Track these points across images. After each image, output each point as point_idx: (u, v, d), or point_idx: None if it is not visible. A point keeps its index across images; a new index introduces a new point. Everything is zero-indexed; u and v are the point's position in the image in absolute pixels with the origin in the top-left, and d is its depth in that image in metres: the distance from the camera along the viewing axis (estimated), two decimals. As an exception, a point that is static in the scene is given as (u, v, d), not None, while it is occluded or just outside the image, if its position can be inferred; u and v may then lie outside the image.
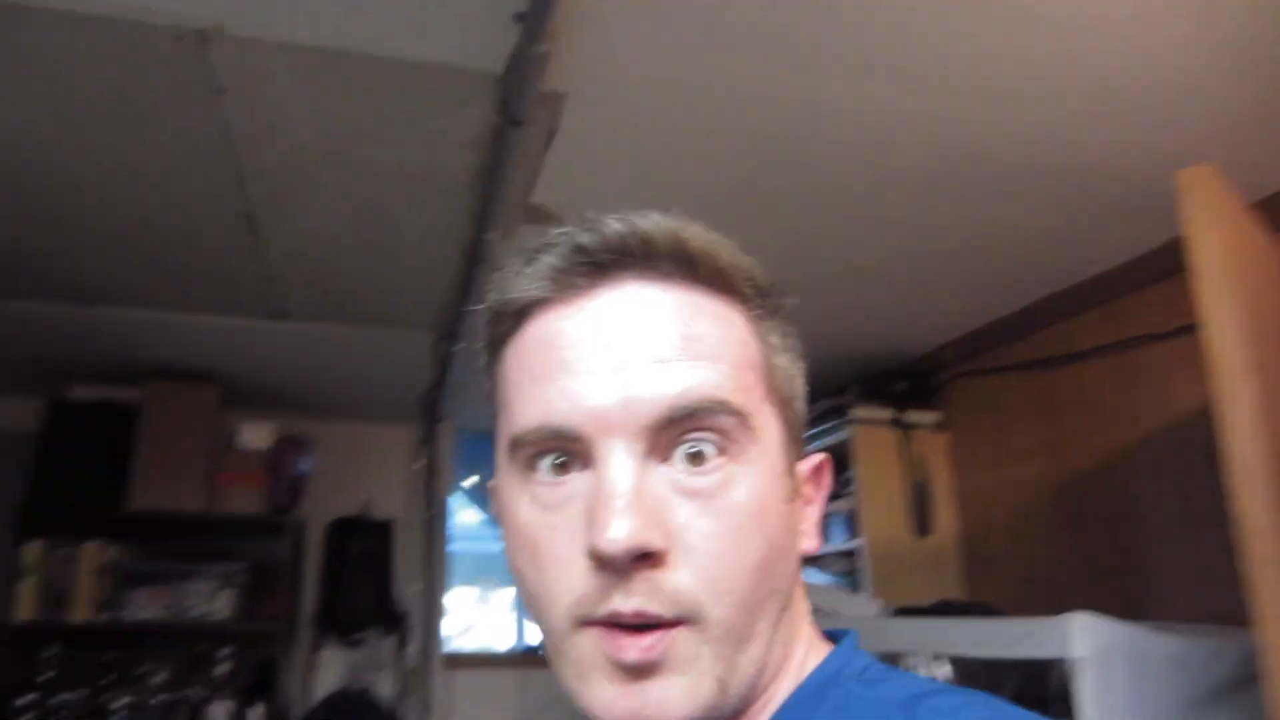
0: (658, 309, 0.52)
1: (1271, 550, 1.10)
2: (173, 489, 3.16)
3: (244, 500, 3.30)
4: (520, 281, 0.54)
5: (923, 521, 2.80)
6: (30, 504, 3.13)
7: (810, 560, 3.12)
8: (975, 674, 1.89)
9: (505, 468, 0.54)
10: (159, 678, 3.19)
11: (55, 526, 3.18)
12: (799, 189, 2.03)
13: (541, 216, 2.17)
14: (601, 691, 0.49)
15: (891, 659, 2.18)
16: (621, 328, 0.51)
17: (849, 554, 2.85)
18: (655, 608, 0.48)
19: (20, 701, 3.02)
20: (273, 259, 2.36)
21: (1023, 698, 1.76)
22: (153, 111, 1.70)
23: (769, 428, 0.53)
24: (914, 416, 2.92)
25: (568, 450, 0.51)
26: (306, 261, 2.39)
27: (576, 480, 0.51)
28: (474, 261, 2.32)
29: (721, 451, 0.50)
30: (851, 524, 2.84)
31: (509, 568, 0.55)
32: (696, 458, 0.50)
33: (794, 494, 0.55)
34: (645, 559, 0.48)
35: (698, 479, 0.50)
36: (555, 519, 0.51)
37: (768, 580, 0.51)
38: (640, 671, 0.49)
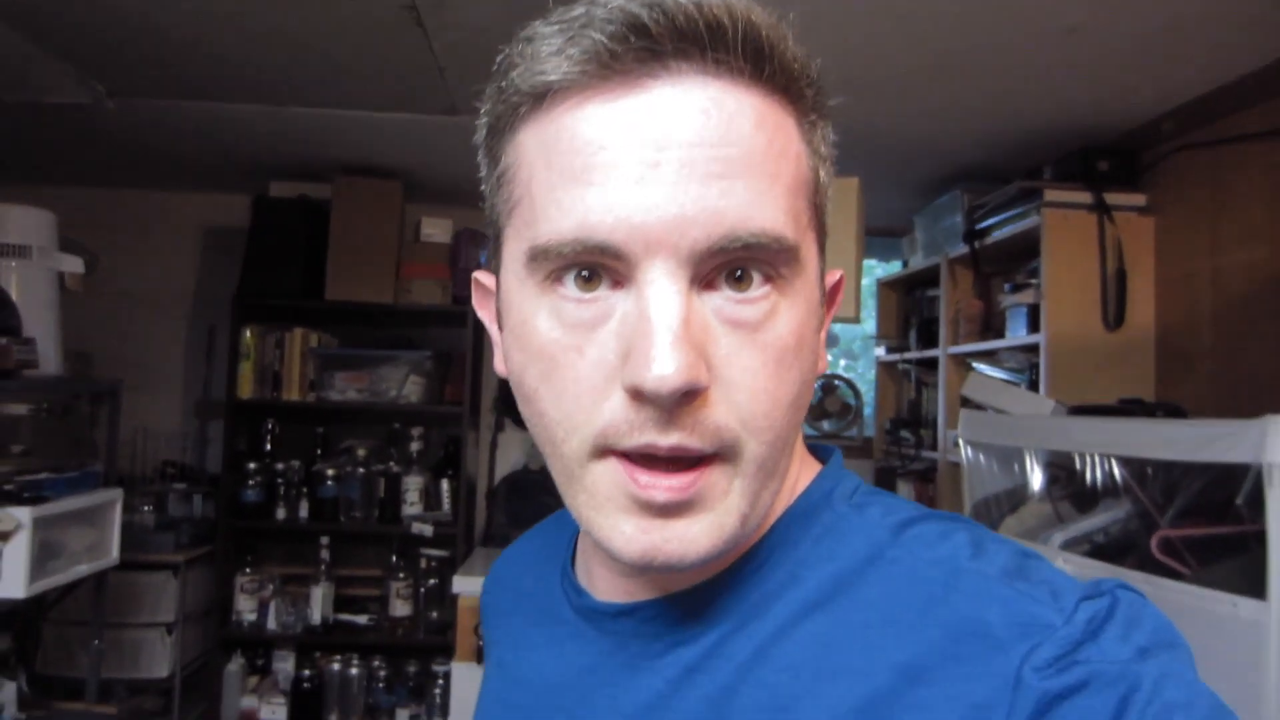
0: (722, 113, 0.45)
1: None
2: (363, 281, 3.39)
3: (428, 291, 3.50)
4: (555, 61, 0.45)
5: (1117, 313, 2.62)
6: (242, 292, 3.45)
7: (984, 355, 3.02)
8: (1154, 477, 1.81)
9: (517, 273, 0.49)
10: (361, 452, 3.55)
11: (266, 313, 3.51)
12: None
13: None
14: (620, 527, 0.47)
15: (1065, 460, 2.12)
16: (679, 132, 0.44)
17: (1030, 349, 2.73)
18: (695, 443, 0.45)
19: (250, 466, 3.46)
20: (440, 53, 2.36)
21: (1205, 504, 1.68)
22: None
23: (811, 257, 0.50)
24: (1116, 199, 2.67)
25: (600, 265, 0.46)
26: (473, 52, 2.37)
27: (609, 300, 0.46)
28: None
29: (768, 279, 0.47)
30: (1033, 317, 2.69)
31: (512, 378, 0.51)
32: (743, 285, 0.46)
33: (822, 321, 0.53)
34: (689, 396, 0.44)
35: (744, 309, 0.46)
36: (580, 340, 0.46)
37: (799, 414, 0.50)
38: (667, 510, 0.46)
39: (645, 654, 0.54)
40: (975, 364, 3.11)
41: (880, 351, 4.01)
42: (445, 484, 3.55)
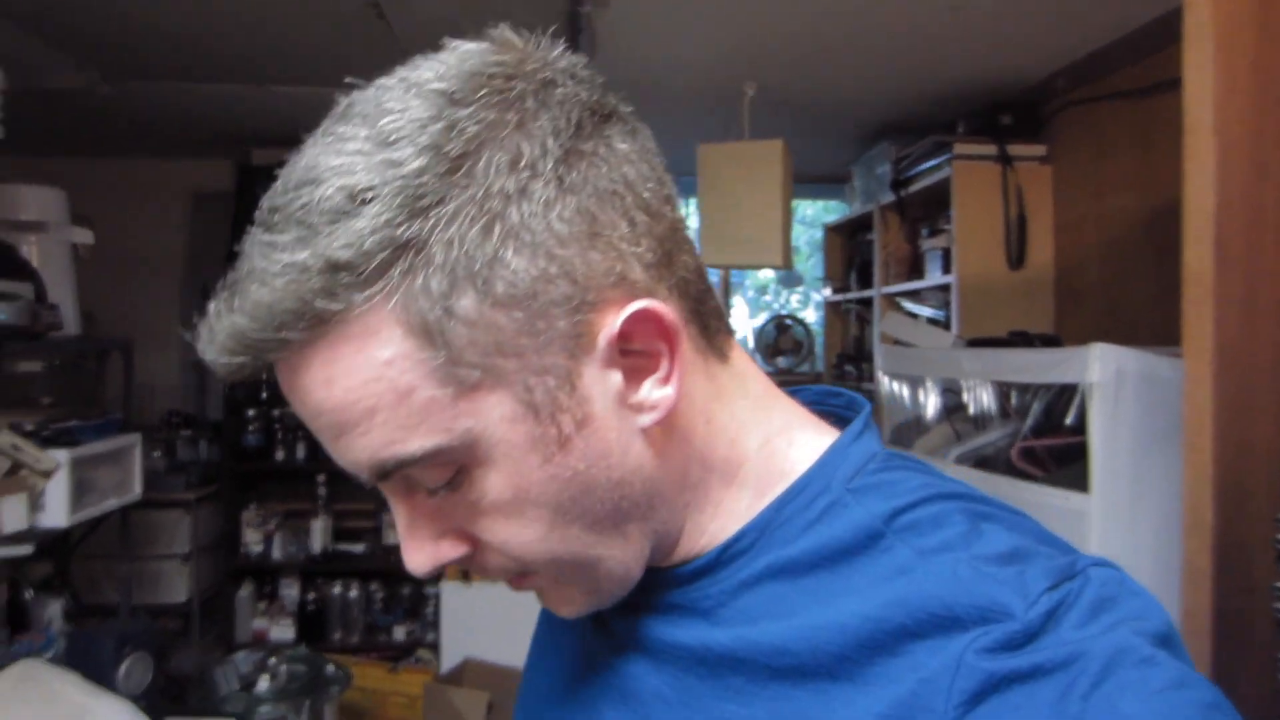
0: (301, 392, 0.46)
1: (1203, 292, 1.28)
2: (347, 240, 3.66)
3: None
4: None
5: (1018, 254, 2.94)
6: (231, 253, 3.71)
7: (910, 294, 3.34)
8: (1020, 397, 2.15)
9: None
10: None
11: (258, 274, 3.78)
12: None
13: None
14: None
15: (958, 386, 2.46)
16: (300, 413, 0.48)
17: (945, 288, 3.05)
18: (498, 576, 0.52)
19: (249, 413, 3.78)
20: (403, 39, 2.62)
21: (1057, 419, 2.02)
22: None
23: (484, 412, 0.45)
24: (1019, 150, 2.97)
25: None
26: (432, 40, 2.62)
27: None
28: (576, 30, 2.51)
29: (453, 470, 0.47)
30: (946, 260, 3.01)
31: None
32: (440, 484, 0.48)
33: (580, 420, 0.47)
34: (459, 558, 0.50)
35: (449, 499, 0.48)
36: None
37: (574, 526, 0.49)
38: (537, 595, 0.55)
39: (649, 613, 0.56)
40: (904, 303, 3.43)
41: (826, 292, 4.33)
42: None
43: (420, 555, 0.49)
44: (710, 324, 0.53)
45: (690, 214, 3.63)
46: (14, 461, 2.13)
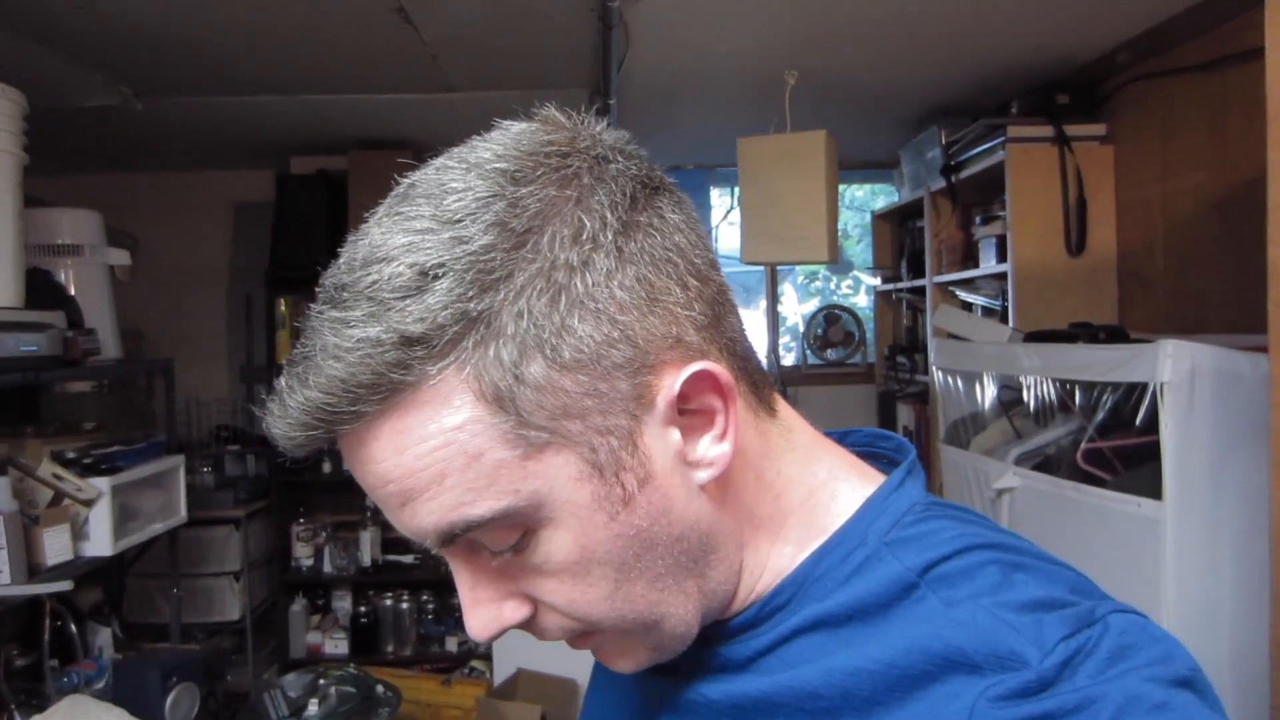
0: (367, 464, 0.48)
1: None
2: (385, 249, 3.63)
3: (446, 254, 3.73)
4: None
5: (1079, 240, 2.80)
6: (273, 265, 3.72)
7: (964, 283, 3.21)
8: (1085, 395, 2.02)
9: None
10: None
11: (296, 283, 3.78)
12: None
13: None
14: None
15: (1017, 382, 2.33)
16: (369, 481, 0.49)
17: (1001, 277, 2.91)
18: (559, 637, 0.53)
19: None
20: (431, 43, 2.56)
21: (1127, 418, 1.90)
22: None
23: (553, 473, 0.47)
24: (1077, 130, 2.82)
25: None
26: (460, 42, 2.58)
27: None
28: (607, 25, 2.42)
29: (520, 533, 0.49)
30: (1001, 247, 2.88)
31: None
32: (505, 547, 0.49)
33: (642, 478, 0.49)
34: (514, 627, 0.52)
35: (512, 562, 0.50)
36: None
37: (638, 583, 0.50)
38: (595, 653, 0.56)
39: (691, 661, 0.58)
40: (958, 292, 3.30)
41: (876, 281, 4.20)
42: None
43: (483, 619, 0.50)
44: (756, 380, 0.55)
45: (732, 207, 3.51)
46: (56, 491, 2.12)
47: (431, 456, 0.46)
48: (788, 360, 4.50)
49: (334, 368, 0.45)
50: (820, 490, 0.56)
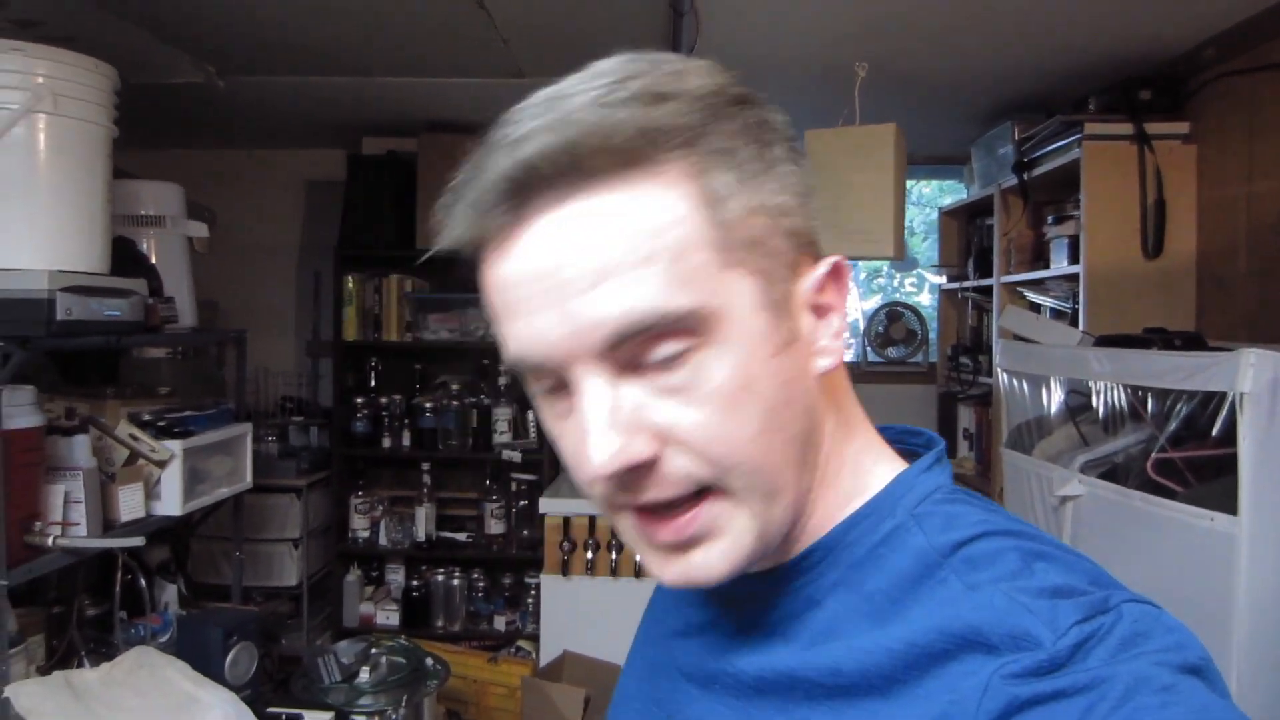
0: (580, 230, 0.49)
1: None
2: (451, 230, 3.68)
3: (510, 237, 3.77)
4: (450, 231, 0.52)
5: (1156, 242, 2.72)
6: (342, 243, 3.79)
7: (1033, 284, 3.14)
8: (1157, 403, 1.97)
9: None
10: (455, 386, 3.90)
11: (364, 262, 3.85)
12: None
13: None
14: (649, 560, 0.55)
15: (1086, 387, 2.28)
16: (550, 261, 0.49)
17: (1072, 278, 2.85)
18: (668, 493, 0.51)
19: (358, 400, 3.85)
20: (503, 28, 2.58)
21: (1201, 428, 1.84)
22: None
23: (734, 296, 0.51)
24: (1158, 128, 2.74)
25: (551, 375, 0.52)
26: (530, 27, 2.60)
27: (569, 400, 0.52)
28: (678, 11, 2.42)
29: (686, 346, 0.49)
30: (1074, 248, 2.81)
31: None
32: (664, 360, 0.49)
33: (792, 335, 0.53)
34: (641, 466, 0.50)
35: (669, 377, 0.50)
36: (566, 428, 0.54)
37: (778, 435, 0.52)
38: (678, 547, 0.53)
39: (724, 619, 0.62)
40: (1026, 293, 3.23)
41: (942, 279, 4.13)
42: (531, 415, 3.87)
43: (610, 448, 0.49)
44: None
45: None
46: (131, 451, 2.20)
47: (648, 239, 0.48)
48: (847, 356, 4.46)
49: (588, 112, 0.48)
50: (866, 454, 0.60)
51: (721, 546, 0.52)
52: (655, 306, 0.48)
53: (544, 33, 2.64)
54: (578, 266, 0.49)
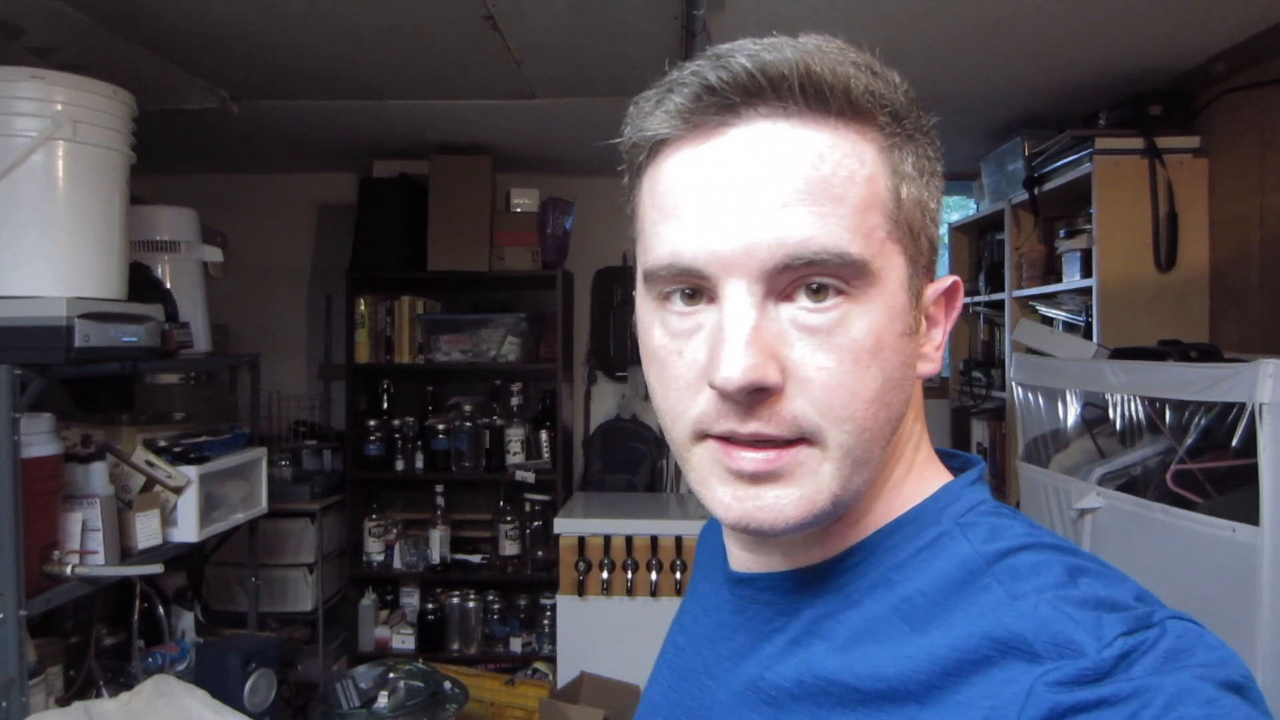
0: (785, 150, 0.51)
1: None
2: (461, 251, 3.70)
3: (519, 258, 3.78)
4: (653, 119, 0.54)
5: (1169, 255, 2.71)
6: (354, 265, 3.81)
7: (1045, 298, 3.14)
8: (1176, 414, 1.96)
9: (642, 292, 0.58)
10: (467, 407, 3.90)
11: (376, 284, 3.86)
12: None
13: (745, -15, 2.23)
14: (719, 493, 0.54)
15: (1102, 400, 2.27)
16: (747, 170, 0.51)
17: (1085, 292, 2.84)
18: (772, 430, 0.52)
19: (370, 423, 3.85)
20: (516, 50, 2.60)
21: (1220, 439, 1.83)
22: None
23: (891, 267, 0.54)
24: (1169, 142, 2.74)
25: (695, 285, 0.54)
26: (544, 49, 2.62)
27: (704, 313, 0.54)
28: (690, 34, 2.43)
29: (840, 291, 0.52)
30: (1086, 262, 2.81)
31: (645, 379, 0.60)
32: (816, 295, 0.52)
33: (915, 326, 0.56)
34: (762, 392, 0.51)
35: (816, 316, 0.52)
36: (683, 345, 0.54)
37: (884, 409, 0.54)
38: (757, 478, 0.53)
39: (759, 618, 0.62)
40: (1039, 307, 3.23)
41: (953, 295, 4.12)
42: (544, 434, 3.88)
43: (750, 361, 0.50)
44: None
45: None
46: (148, 478, 2.20)
47: (846, 182, 0.52)
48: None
49: (829, 62, 0.52)
50: (930, 464, 0.62)
51: (800, 491, 0.53)
52: (835, 244, 0.51)
53: (556, 54, 2.66)
54: (776, 182, 0.51)
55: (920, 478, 0.60)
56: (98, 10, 2.25)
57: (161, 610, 2.26)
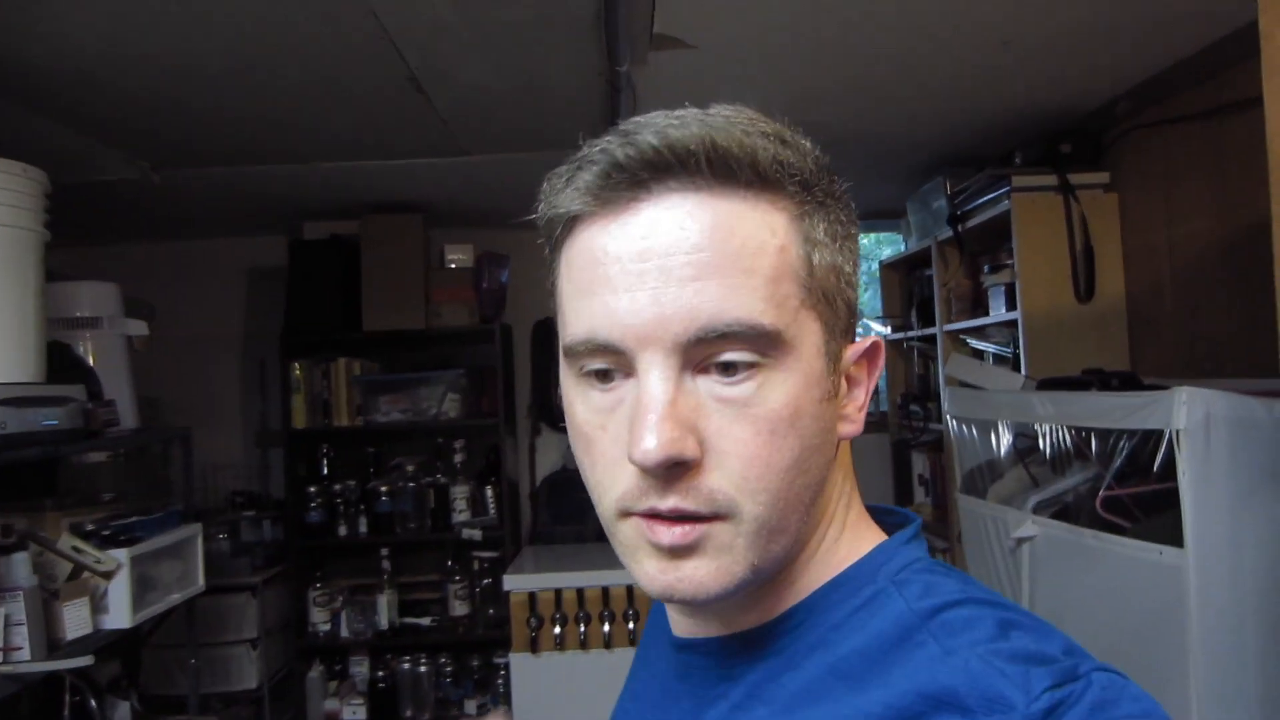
0: (695, 224, 0.52)
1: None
2: (396, 309, 3.67)
3: (456, 314, 3.77)
4: (564, 197, 0.55)
5: (1087, 286, 2.81)
6: (287, 329, 3.75)
7: (974, 331, 3.22)
8: (1101, 442, 2.02)
9: (564, 367, 0.58)
10: (410, 467, 3.85)
11: (311, 347, 3.81)
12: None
13: (668, 44, 2.27)
14: (645, 566, 0.55)
15: (1031, 430, 2.33)
16: (658, 245, 0.52)
17: (1011, 324, 2.92)
18: (690, 505, 0.52)
19: (311, 489, 3.78)
20: (442, 110, 2.61)
21: (1144, 465, 1.89)
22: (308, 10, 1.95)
23: (806, 334, 0.55)
24: (1081, 178, 2.85)
25: (612, 361, 0.54)
26: (469, 108, 2.64)
27: (623, 387, 0.54)
28: (615, 89, 2.47)
29: (754, 364, 0.52)
30: (1010, 295, 2.89)
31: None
32: (730, 368, 0.52)
33: (834, 390, 0.57)
34: (680, 466, 0.51)
35: (731, 388, 0.52)
36: (606, 420, 0.55)
37: (801, 477, 0.55)
38: (676, 552, 0.54)
39: (703, 684, 0.62)
40: (969, 340, 3.30)
41: (886, 330, 4.21)
42: (489, 490, 3.84)
43: (668, 437, 0.50)
44: None
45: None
46: (75, 564, 2.13)
47: (755, 254, 0.53)
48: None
49: (735, 133, 0.53)
50: (861, 522, 0.63)
51: (717, 564, 0.54)
52: (748, 315, 0.52)
53: (483, 113, 2.68)
54: (687, 256, 0.52)
55: (855, 537, 0.61)
56: (3, 85, 2.21)
57: (94, 703, 2.18)
